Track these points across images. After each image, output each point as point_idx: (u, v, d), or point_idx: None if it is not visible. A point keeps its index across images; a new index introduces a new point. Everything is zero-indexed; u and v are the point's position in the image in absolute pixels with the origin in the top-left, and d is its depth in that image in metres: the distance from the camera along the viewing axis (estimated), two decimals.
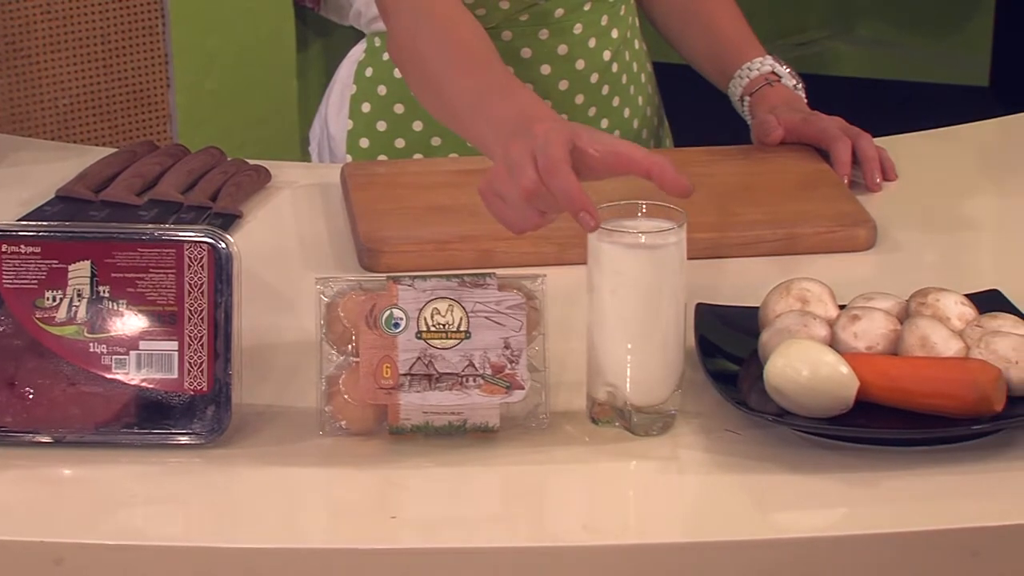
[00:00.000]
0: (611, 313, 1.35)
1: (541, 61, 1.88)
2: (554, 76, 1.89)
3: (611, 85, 1.93)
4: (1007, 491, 1.28)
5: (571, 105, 1.90)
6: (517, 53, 1.87)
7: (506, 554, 1.25)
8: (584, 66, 1.90)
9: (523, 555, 1.25)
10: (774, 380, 1.33)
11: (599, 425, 1.36)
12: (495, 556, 1.24)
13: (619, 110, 1.94)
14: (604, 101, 1.93)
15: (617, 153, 1.37)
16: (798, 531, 1.26)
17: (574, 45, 1.89)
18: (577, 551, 1.25)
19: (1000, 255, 1.74)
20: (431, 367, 1.32)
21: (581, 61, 1.90)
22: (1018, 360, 1.34)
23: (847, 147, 1.80)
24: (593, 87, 1.91)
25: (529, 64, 1.88)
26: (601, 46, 1.91)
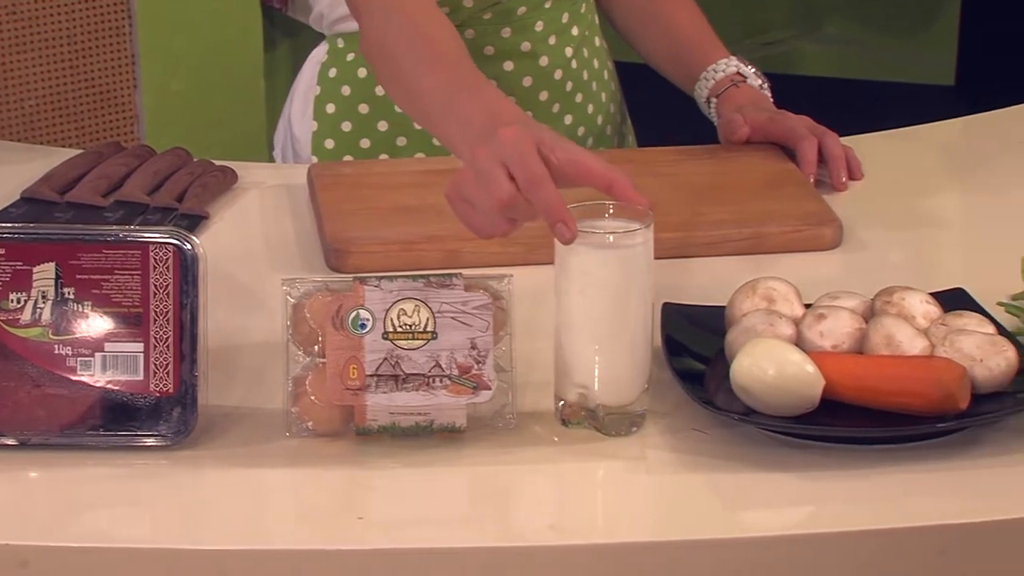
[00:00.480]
0: (579, 313, 1.35)
1: (504, 58, 1.89)
2: (517, 73, 1.89)
3: (574, 82, 1.93)
4: (973, 489, 1.29)
5: (535, 102, 1.90)
6: (480, 51, 1.87)
7: (474, 554, 1.25)
8: (547, 63, 1.90)
9: (491, 555, 1.25)
10: (740, 379, 1.34)
11: (569, 426, 1.36)
12: (463, 556, 1.24)
13: (583, 106, 1.95)
14: (568, 97, 1.93)
15: (577, 163, 1.37)
16: (765, 530, 1.27)
17: (536, 42, 1.89)
18: (545, 551, 1.25)
19: (965, 254, 1.75)
20: (398, 368, 1.32)
21: (544, 58, 1.90)
22: (983, 358, 1.34)
23: (813, 146, 1.81)
24: (557, 83, 1.92)
25: (492, 61, 1.88)
26: (562, 43, 1.91)
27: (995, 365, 1.34)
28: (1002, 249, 1.63)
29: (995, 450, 1.32)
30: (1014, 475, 1.30)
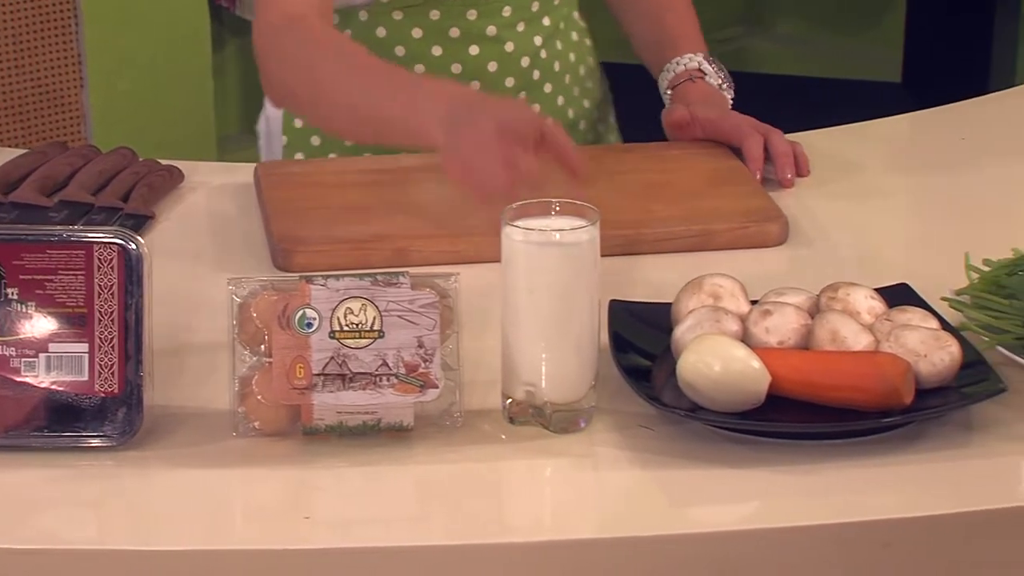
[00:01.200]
0: (526, 311, 1.35)
1: (470, 41, 1.88)
2: (483, 57, 1.88)
3: (542, 71, 1.93)
4: (917, 483, 1.30)
5: (501, 87, 1.90)
6: (446, 32, 1.87)
7: (422, 553, 1.25)
8: (513, 49, 1.90)
9: (439, 554, 1.25)
10: (687, 376, 1.34)
11: (516, 424, 1.37)
12: (410, 555, 1.25)
13: (551, 97, 1.94)
14: (535, 86, 1.92)
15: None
16: (711, 525, 1.27)
17: (503, 27, 1.89)
18: (492, 549, 1.25)
19: (910, 249, 1.76)
20: (344, 367, 1.32)
21: (510, 44, 1.90)
22: (927, 353, 1.35)
23: (758, 143, 1.81)
24: (523, 71, 1.91)
25: (458, 44, 1.87)
26: (531, 31, 1.91)
27: (939, 360, 1.35)
28: (947, 244, 1.64)
29: (939, 444, 1.33)
30: (957, 469, 1.31)
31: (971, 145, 1.95)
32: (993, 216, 1.77)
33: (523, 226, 1.35)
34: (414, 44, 1.86)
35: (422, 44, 1.86)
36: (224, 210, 1.78)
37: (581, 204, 1.38)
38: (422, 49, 1.86)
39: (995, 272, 1.48)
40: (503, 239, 1.36)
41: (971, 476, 1.30)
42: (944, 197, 1.81)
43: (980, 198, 1.81)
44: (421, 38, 1.86)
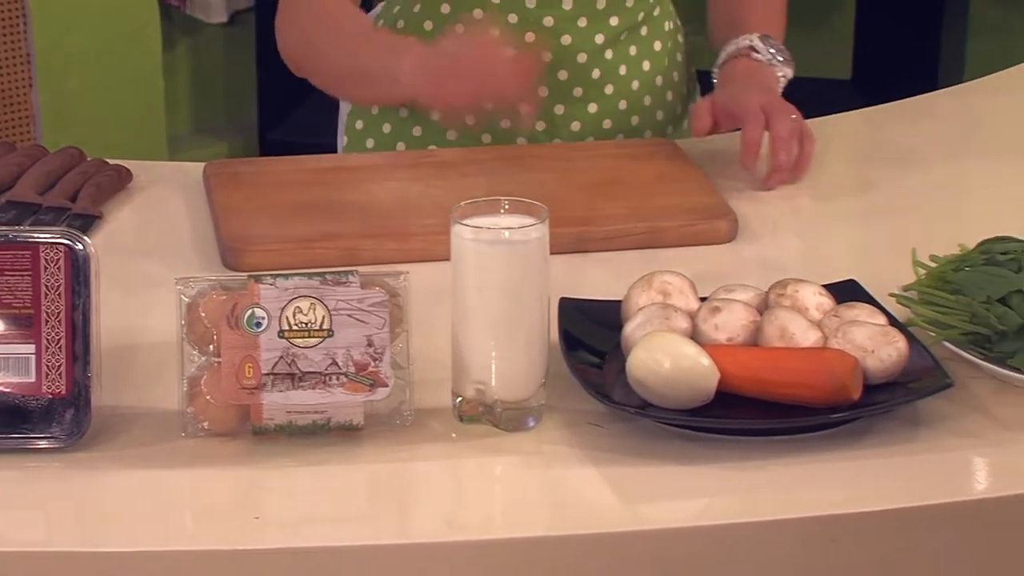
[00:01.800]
0: (475, 310, 1.35)
1: (526, 28, 1.88)
2: (536, 46, 1.87)
3: (603, 71, 1.91)
4: (864, 478, 1.30)
5: (553, 80, 1.89)
6: (505, 17, 1.87)
7: (372, 552, 1.25)
8: (570, 43, 1.88)
9: (389, 552, 1.25)
10: (636, 373, 1.34)
11: (466, 422, 1.37)
12: (361, 554, 1.24)
13: (613, 100, 1.92)
14: (594, 85, 1.91)
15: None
16: (661, 522, 1.28)
17: (561, 20, 1.88)
18: (443, 547, 1.25)
19: (858, 246, 1.77)
20: (294, 366, 1.31)
21: (567, 37, 1.88)
22: (874, 349, 1.36)
23: (758, 126, 1.75)
24: (580, 67, 1.89)
25: (515, 29, 1.87)
26: (594, 29, 1.89)
27: (886, 356, 1.36)
28: (894, 241, 1.65)
29: (886, 439, 1.34)
30: (905, 464, 1.32)
31: (919, 141, 1.96)
32: (940, 212, 1.78)
33: (472, 224, 1.35)
34: (474, 24, 1.87)
35: (482, 24, 1.87)
36: (173, 210, 1.77)
37: (530, 202, 1.38)
38: (480, 31, 1.86)
39: (942, 268, 1.49)
40: (452, 237, 1.36)
41: (918, 471, 1.31)
42: (892, 193, 1.81)
43: (928, 194, 1.82)
44: (482, 18, 1.87)
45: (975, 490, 1.31)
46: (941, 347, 1.42)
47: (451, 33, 1.82)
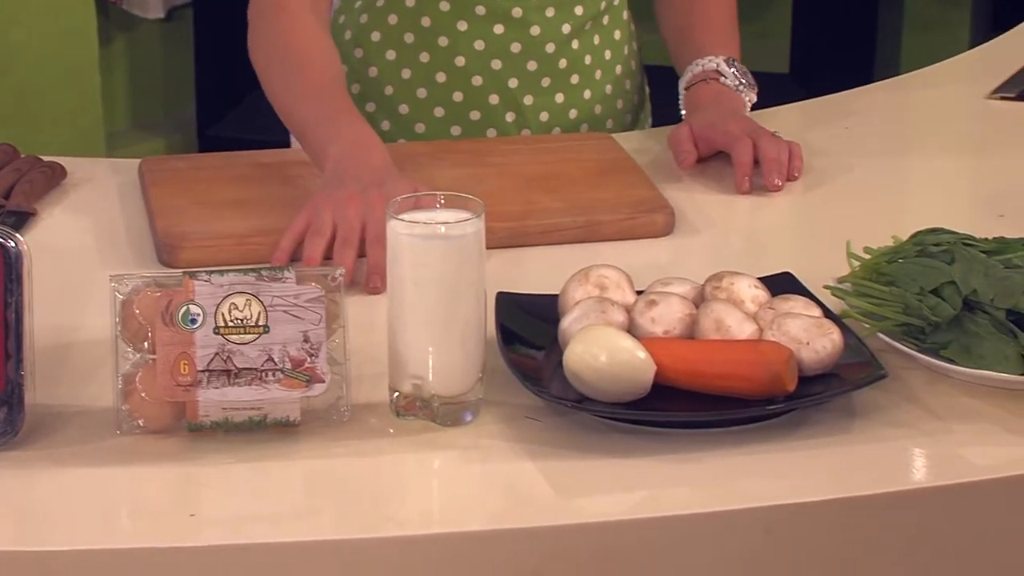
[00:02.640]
0: (412, 305, 1.35)
1: (495, 20, 1.88)
2: (506, 37, 1.88)
3: (571, 61, 1.91)
4: (799, 469, 1.31)
5: (523, 70, 1.89)
6: (471, 9, 1.87)
7: (310, 548, 1.24)
8: (539, 33, 1.89)
9: (327, 548, 1.24)
10: (573, 366, 1.35)
11: (403, 418, 1.37)
12: (298, 551, 1.24)
13: (578, 89, 1.92)
14: (561, 75, 1.91)
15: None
16: (598, 515, 1.28)
17: (529, 10, 1.88)
18: (381, 542, 1.25)
19: (794, 238, 1.78)
20: (230, 362, 1.31)
21: (536, 27, 1.89)
22: (809, 341, 1.37)
23: (747, 148, 1.78)
24: (549, 57, 1.90)
25: (483, 22, 1.87)
26: (561, 18, 1.90)
27: (821, 347, 1.37)
28: (830, 233, 1.66)
29: (821, 431, 1.35)
30: (839, 455, 1.32)
31: (854, 134, 1.97)
32: (875, 204, 1.79)
33: (408, 219, 1.35)
34: (440, 17, 1.87)
35: (448, 17, 1.87)
36: (108, 207, 1.76)
37: (466, 197, 1.38)
38: (448, 23, 1.87)
39: (876, 260, 1.50)
40: (388, 232, 1.35)
41: (853, 462, 1.32)
42: (828, 186, 1.82)
43: (863, 187, 1.83)
44: (448, 11, 1.87)
45: (909, 480, 1.32)
46: (875, 338, 1.43)
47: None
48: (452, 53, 1.88)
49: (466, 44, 1.87)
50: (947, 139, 2.01)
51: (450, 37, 1.87)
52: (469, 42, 1.87)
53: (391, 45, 1.90)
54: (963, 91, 2.11)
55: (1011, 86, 2.09)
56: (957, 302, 1.41)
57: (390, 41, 1.90)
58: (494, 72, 1.88)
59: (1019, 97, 2.07)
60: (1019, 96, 2.07)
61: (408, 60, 1.89)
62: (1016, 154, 1.93)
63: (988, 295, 1.40)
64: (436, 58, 1.89)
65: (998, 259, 1.43)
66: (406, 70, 1.90)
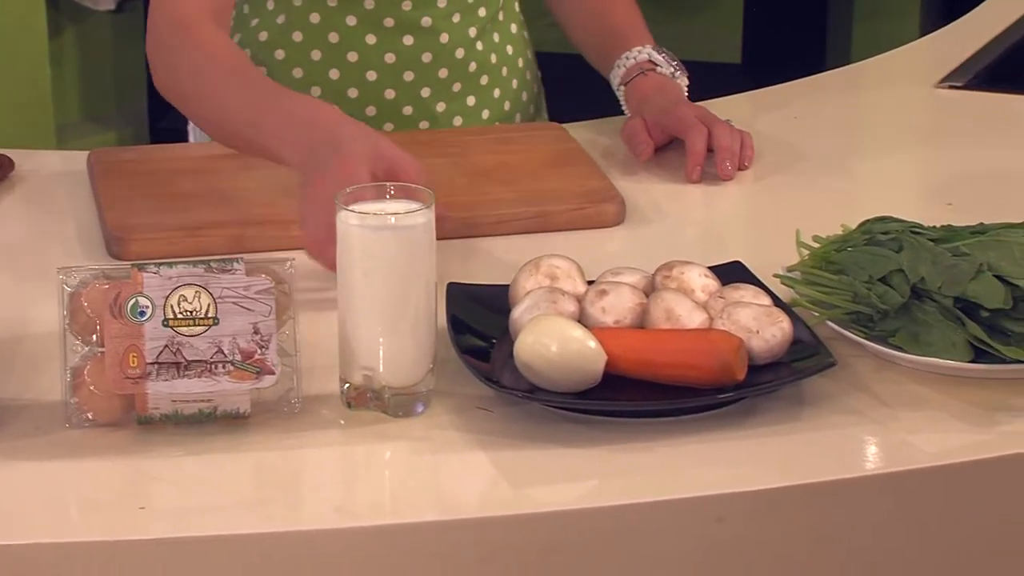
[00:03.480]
0: (362, 296, 1.35)
1: (404, 31, 1.86)
2: (417, 48, 1.86)
3: (479, 63, 1.91)
4: (750, 457, 1.32)
5: (435, 79, 1.88)
6: (380, 22, 1.85)
7: (261, 540, 1.24)
8: (448, 40, 1.88)
9: (278, 540, 1.24)
10: (524, 356, 1.35)
11: (354, 409, 1.36)
12: (249, 542, 1.24)
13: (487, 90, 1.92)
14: (471, 78, 1.91)
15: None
16: (550, 505, 1.28)
17: (438, 18, 1.87)
18: (332, 534, 1.25)
19: (744, 227, 1.78)
20: (179, 355, 1.30)
21: (445, 35, 1.88)
22: (759, 329, 1.37)
23: (702, 136, 1.78)
24: (458, 63, 1.89)
25: (392, 33, 1.85)
26: (466, 22, 1.89)
27: (771, 336, 1.37)
28: (780, 222, 1.66)
29: (771, 419, 1.35)
30: (789, 443, 1.33)
31: (804, 124, 1.98)
32: (824, 193, 1.80)
33: (358, 210, 1.35)
34: (348, 32, 1.85)
35: (356, 32, 1.85)
36: (57, 199, 1.75)
37: (416, 187, 1.38)
38: (356, 37, 1.85)
39: (825, 249, 1.51)
40: (338, 223, 1.35)
41: (803, 449, 1.33)
42: (778, 175, 1.83)
43: (813, 175, 1.84)
44: (355, 26, 1.85)
45: (858, 467, 1.32)
46: (824, 326, 1.44)
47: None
48: (363, 68, 1.85)
49: (376, 57, 1.85)
50: (896, 128, 2.03)
51: (360, 52, 1.85)
52: (379, 55, 1.85)
53: (297, 63, 1.85)
54: (912, 80, 2.12)
55: (959, 75, 2.10)
56: (905, 290, 1.42)
57: (296, 59, 1.85)
58: (406, 83, 1.86)
59: (968, 86, 2.08)
60: (968, 85, 2.08)
61: (317, 78, 1.85)
62: (964, 143, 1.95)
63: (936, 283, 1.41)
64: (346, 74, 1.86)
65: (946, 247, 1.44)
66: (315, 88, 1.86)
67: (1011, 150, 1.91)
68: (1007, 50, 2.20)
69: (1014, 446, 1.32)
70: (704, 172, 1.79)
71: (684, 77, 1.89)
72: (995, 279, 1.39)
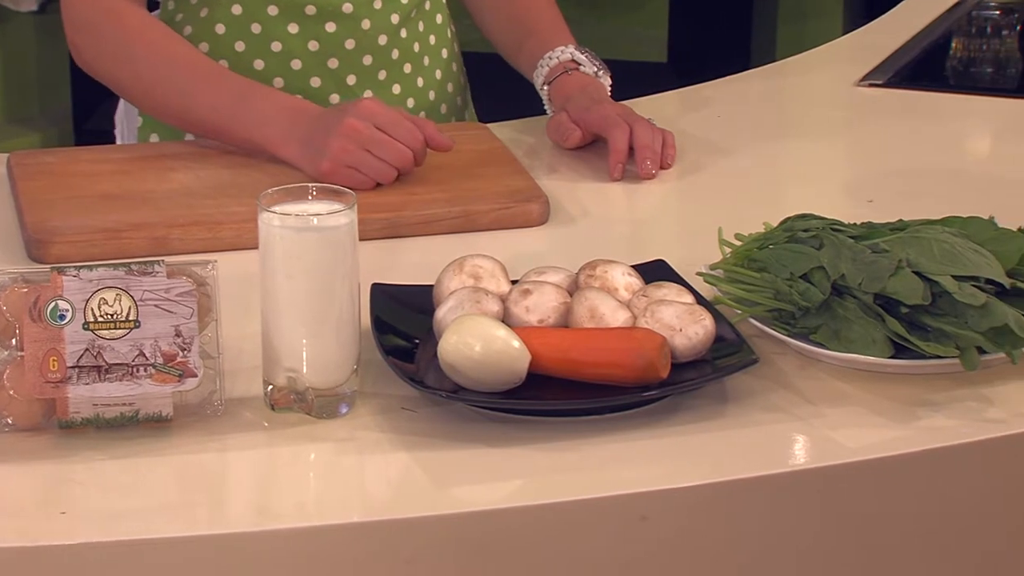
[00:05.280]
0: (285, 297, 1.34)
1: (326, 19, 1.86)
2: (339, 35, 1.86)
3: (401, 51, 1.91)
4: (673, 455, 1.32)
5: (359, 66, 1.88)
6: (301, 10, 1.84)
7: (184, 543, 1.23)
8: (370, 27, 1.87)
9: (202, 543, 1.24)
10: (448, 357, 1.35)
11: (278, 411, 1.36)
12: (173, 546, 1.23)
13: (411, 78, 1.92)
14: (395, 66, 1.90)
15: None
16: (475, 505, 1.28)
17: (359, 5, 1.87)
18: (256, 536, 1.24)
19: (668, 226, 1.79)
20: (100, 358, 1.29)
21: (367, 21, 1.87)
22: (682, 327, 1.38)
23: (624, 135, 1.80)
24: (382, 49, 1.89)
25: (314, 21, 1.85)
26: (388, 9, 1.88)
27: (693, 334, 1.38)
28: (703, 220, 1.67)
29: (695, 416, 1.36)
30: (712, 440, 1.34)
31: (728, 122, 1.99)
32: (747, 191, 1.81)
33: (280, 211, 1.34)
34: (270, 22, 1.84)
35: (278, 22, 1.84)
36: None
37: (338, 188, 1.37)
38: (278, 27, 1.84)
39: (747, 246, 1.52)
40: (260, 225, 1.35)
41: (726, 446, 1.33)
42: (702, 173, 1.84)
43: (735, 174, 1.85)
44: (277, 15, 1.84)
45: (782, 463, 1.33)
46: (747, 324, 1.45)
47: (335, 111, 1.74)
48: (287, 57, 1.86)
49: (300, 46, 1.85)
50: (818, 126, 2.04)
51: (283, 41, 1.84)
52: (303, 44, 1.85)
53: (221, 55, 1.85)
54: (834, 78, 2.14)
55: (880, 73, 2.12)
56: (826, 287, 1.43)
57: (220, 51, 1.85)
58: (331, 71, 1.86)
59: (888, 83, 2.10)
60: (887, 82, 2.10)
61: (242, 69, 1.84)
62: (884, 140, 1.96)
63: (856, 280, 1.42)
64: (271, 64, 1.86)
65: (866, 244, 1.45)
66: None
67: (930, 147, 1.93)
68: (925, 48, 2.22)
69: (933, 440, 1.34)
70: (628, 171, 1.80)
71: (607, 76, 1.90)
72: (914, 275, 1.40)
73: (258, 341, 1.37)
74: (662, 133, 1.83)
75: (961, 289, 1.39)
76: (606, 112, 1.83)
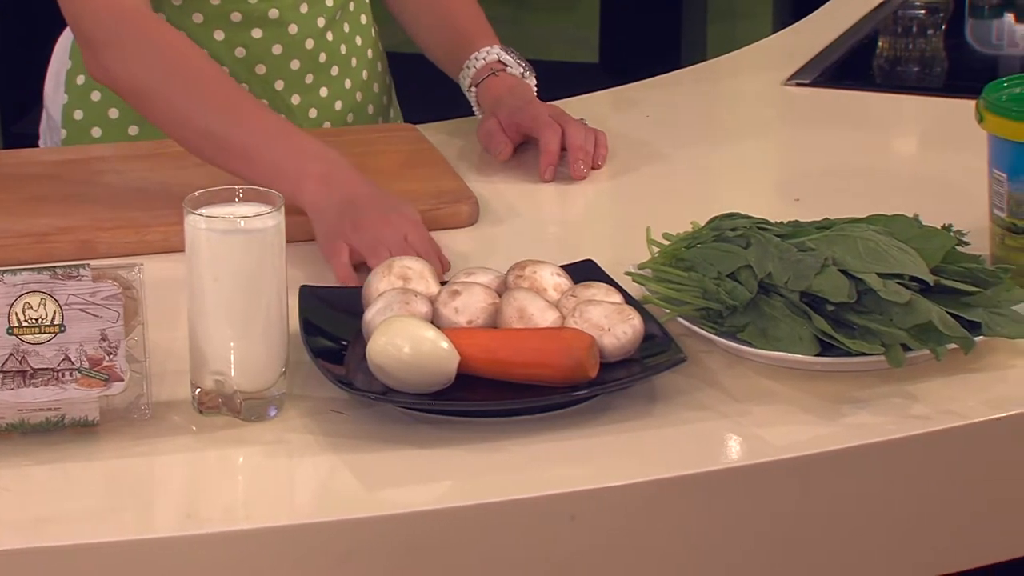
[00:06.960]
0: (212, 300, 1.34)
1: (252, 25, 1.84)
2: (266, 40, 1.85)
3: (328, 54, 1.90)
4: (602, 454, 1.33)
5: (287, 71, 1.87)
6: (227, 17, 1.83)
7: (112, 548, 1.23)
8: (297, 31, 1.86)
9: (130, 548, 1.23)
10: (376, 358, 1.35)
11: (206, 414, 1.35)
12: (101, 551, 1.23)
13: (339, 80, 1.91)
14: (322, 69, 1.89)
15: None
16: (404, 506, 1.28)
17: (285, 9, 1.85)
18: (185, 540, 1.24)
19: (597, 226, 1.79)
20: (24, 363, 1.29)
21: (294, 26, 1.86)
22: (610, 327, 1.38)
23: (555, 135, 1.80)
24: (309, 53, 1.88)
25: (240, 28, 1.84)
26: (314, 12, 1.87)
27: (622, 333, 1.38)
28: (632, 220, 1.68)
29: (624, 415, 1.36)
30: (641, 439, 1.34)
31: (657, 122, 2.00)
32: (676, 191, 1.82)
33: (206, 214, 1.34)
34: (195, 30, 1.82)
35: (204, 29, 1.83)
36: None
37: (265, 190, 1.37)
38: (205, 35, 1.83)
39: (675, 246, 1.52)
40: (187, 227, 1.34)
41: (655, 445, 1.34)
42: (631, 173, 1.84)
43: (665, 173, 1.85)
44: (202, 23, 1.83)
45: (710, 461, 1.34)
46: (675, 323, 1.46)
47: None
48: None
49: (227, 53, 1.84)
50: (746, 125, 2.05)
51: (209, 48, 1.82)
52: (230, 50, 1.84)
53: None
54: (762, 77, 2.15)
55: (806, 72, 2.14)
56: (753, 285, 1.43)
57: None
58: (259, 77, 1.85)
59: (814, 83, 2.11)
60: (814, 82, 2.11)
61: None
62: (811, 139, 1.97)
63: (782, 278, 1.43)
64: None
65: (792, 242, 1.46)
66: None
67: (855, 146, 1.95)
68: (851, 48, 2.23)
69: (859, 437, 1.35)
70: (558, 171, 1.80)
71: (533, 77, 1.91)
72: (840, 273, 1.42)
73: (185, 344, 1.37)
74: (594, 133, 1.84)
75: (886, 287, 1.40)
76: (537, 113, 1.83)
